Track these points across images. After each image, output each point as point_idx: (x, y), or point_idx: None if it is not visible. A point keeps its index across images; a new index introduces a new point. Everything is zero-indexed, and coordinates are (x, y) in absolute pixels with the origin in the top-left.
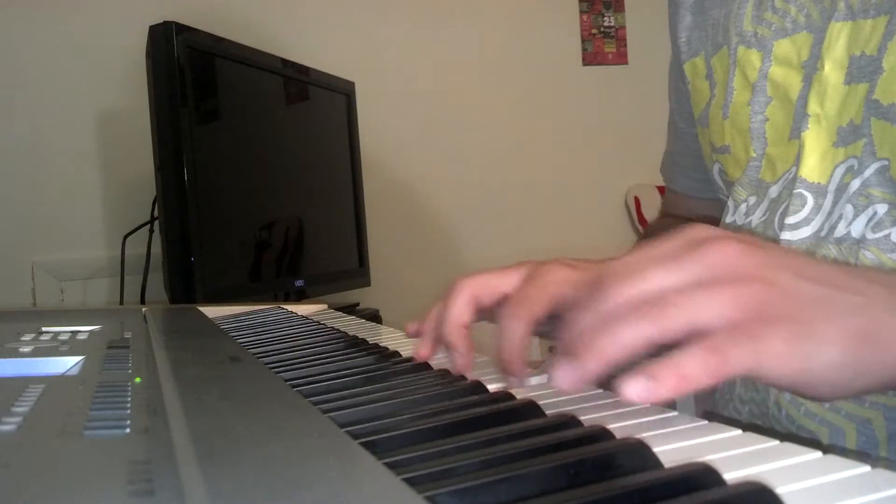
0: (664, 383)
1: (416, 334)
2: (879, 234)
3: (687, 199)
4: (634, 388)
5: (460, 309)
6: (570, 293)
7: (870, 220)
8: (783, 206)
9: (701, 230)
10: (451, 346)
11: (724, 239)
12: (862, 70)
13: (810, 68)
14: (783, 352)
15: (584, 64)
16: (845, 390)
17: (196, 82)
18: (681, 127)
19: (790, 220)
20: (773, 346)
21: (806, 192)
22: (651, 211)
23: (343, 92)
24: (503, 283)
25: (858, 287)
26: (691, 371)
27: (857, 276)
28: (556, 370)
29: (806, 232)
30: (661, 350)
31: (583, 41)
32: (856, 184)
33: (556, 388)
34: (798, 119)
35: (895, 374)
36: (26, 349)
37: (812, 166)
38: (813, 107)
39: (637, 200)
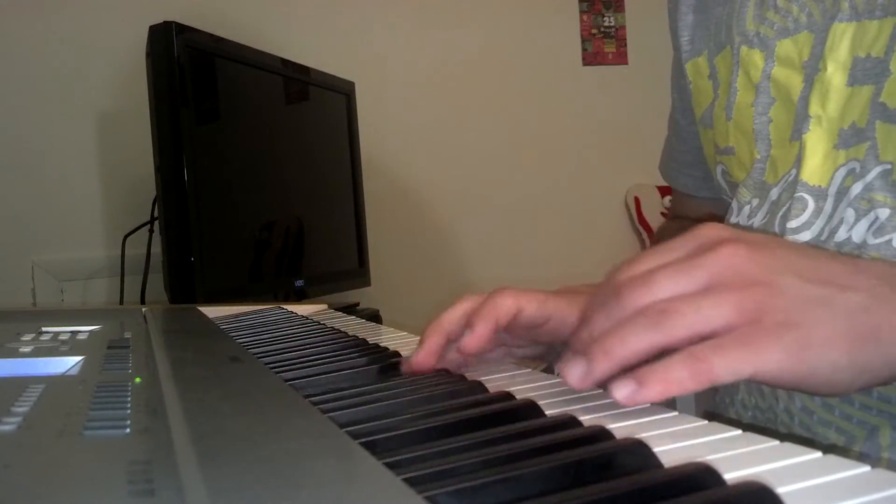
0: (650, 387)
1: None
2: (881, 240)
3: (687, 197)
4: (622, 391)
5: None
6: (535, 310)
7: (871, 224)
8: (783, 209)
9: (711, 231)
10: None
11: (730, 243)
12: (867, 72)
13: (811, 69)
14: (783, 358)
15: (584, 64)
16: (847, 388)
17: (196, 82)
18: (682, 124)
19: (791, 224)
20: (771, 353)
21: (807, 196)
22: (651, 211)
23: (343, 92)
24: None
25: (861, 284)
26: (676, 377)
27: (861, 272)
28: (569, 369)
29: (806, 236)
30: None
31: (583, 41)
32: (857, 187)
33: (568, 385)
34: (799, 120)
35: None
36: (26, 349)
37: (813, 169)
38: (814, 108)
39: (637, 200)
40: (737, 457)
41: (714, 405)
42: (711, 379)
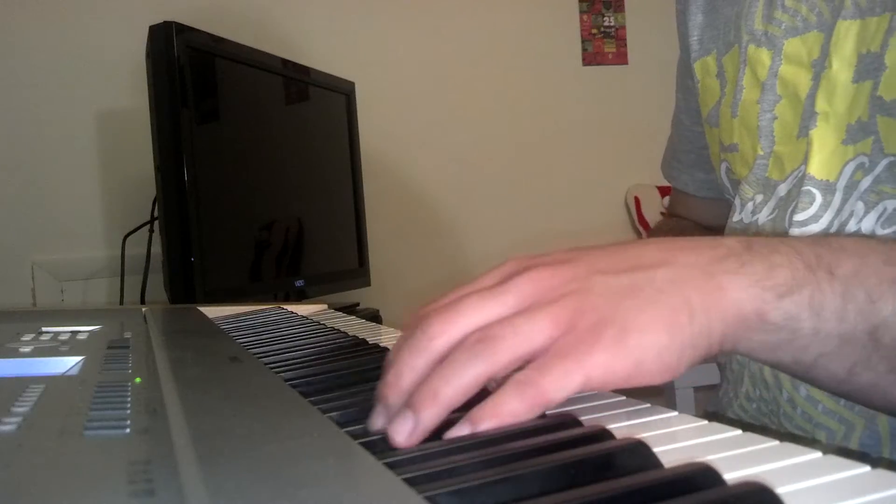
0: (484, 425)
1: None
2: (889, 230)
3: (687, 197)
4: (459, 435)
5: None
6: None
7: (880, 216)
8: (793, 205)
9: (514, 262)
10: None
11: (533, 267)
12: (868, 67)
13: (819, 66)
14: (607, 359)
15: (584, 64)
16: (677, 369)
17: (196, 82)
18: (686, 124)
19: (798, 217)
20: (594, 356)
21: (814, 190)
22: (651, 211)
23: (343, 92)
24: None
25: (665, 259)
26: (509, 409)
27: (665, 250)
28: (394, 427)
29: (815, 229)
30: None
31: (583, 41)
32: (867, 181)
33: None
34: (806, 117)
35: (720, 338)
36: (26, 349)
37: (820, 164)
38: (821, 104)
39: (637, 200)
40: (737, 457)
41: (717, 400)
42: (544, 402)
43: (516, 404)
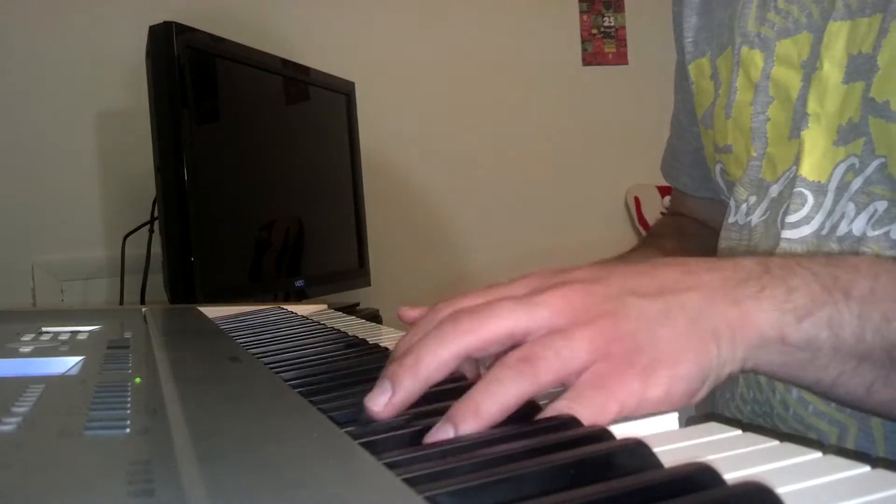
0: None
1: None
2: (879, 231)
3: (687, 197)
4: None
5: None
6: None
7: (870, 217)
8: (784, 206)
9: (541, 274)
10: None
11: (564, 283)
12: (859, 68)
13: (809, 68)
14: (639, 389)
15: (584, 64)
16: (700, 393)
17: (196, 82)
18: (684, 125)
19: (791, 218)
20: (628, 387)
21: (806, 191)
22: (651, 211)
23: (343, 92)
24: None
25: (693, 282)
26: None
27: (692, 272)
28: (432, 436)
29: (807, 230)
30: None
31: (583, 41)
32: (858, 182)
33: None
34: (798, 118)
35: (742, 362)
36: (26, 349)
37: (812, 165)
38: (812, 106)
39: (637, 200)
40: (737, 457)
41: (714, 401)
42: (607, 420)
43: (591, 413)
